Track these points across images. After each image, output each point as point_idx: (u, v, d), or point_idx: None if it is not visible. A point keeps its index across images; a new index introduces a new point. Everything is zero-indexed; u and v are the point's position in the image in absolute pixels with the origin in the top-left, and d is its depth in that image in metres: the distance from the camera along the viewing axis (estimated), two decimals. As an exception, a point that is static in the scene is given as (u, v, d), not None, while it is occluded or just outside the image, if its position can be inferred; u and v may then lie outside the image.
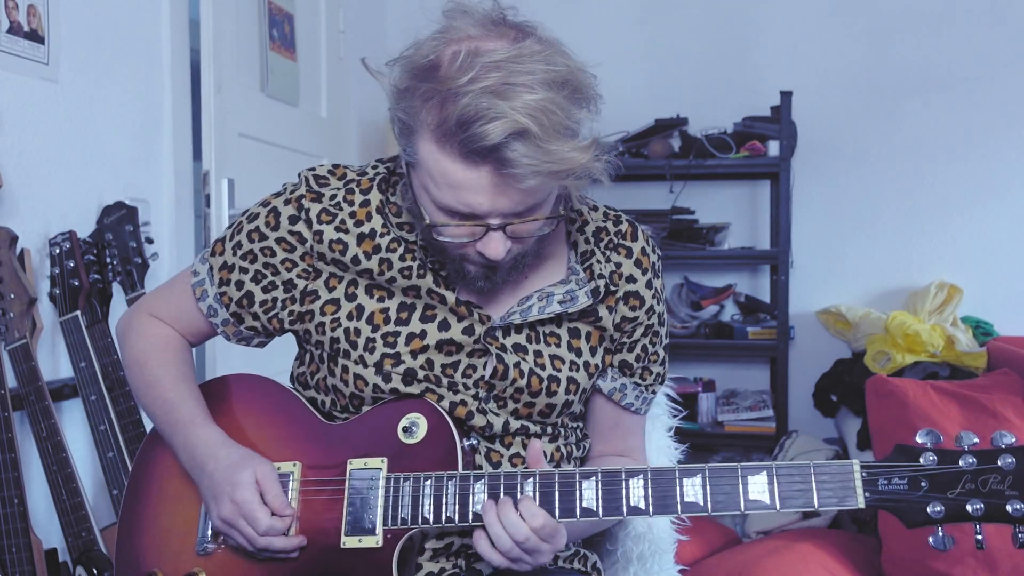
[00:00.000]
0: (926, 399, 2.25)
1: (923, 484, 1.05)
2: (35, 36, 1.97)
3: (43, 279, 1.99)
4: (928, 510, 1.04)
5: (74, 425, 2.06)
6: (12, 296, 1.81)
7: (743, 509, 1.09)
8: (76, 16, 2.11)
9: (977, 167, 3.40)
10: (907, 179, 3.46)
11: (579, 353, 1.29)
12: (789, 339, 3.35)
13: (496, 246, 1.13)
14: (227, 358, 2.46)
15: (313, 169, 1.31)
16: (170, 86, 2.44)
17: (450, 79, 1.05)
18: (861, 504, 1.06)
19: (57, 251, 1.96)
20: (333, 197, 1.28)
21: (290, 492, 1.23)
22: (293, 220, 1.27)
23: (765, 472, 1.09)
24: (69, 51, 2.09)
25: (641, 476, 1.12)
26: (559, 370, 1.27)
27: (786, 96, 3.26)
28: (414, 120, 1.10)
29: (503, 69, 1.04)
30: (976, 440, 1.05)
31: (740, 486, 1.09)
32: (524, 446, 1.28)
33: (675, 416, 1.66)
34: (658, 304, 1.34)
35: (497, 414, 1.26)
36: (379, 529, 1.18)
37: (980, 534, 1.05)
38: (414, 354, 1.24)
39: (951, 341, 2.98)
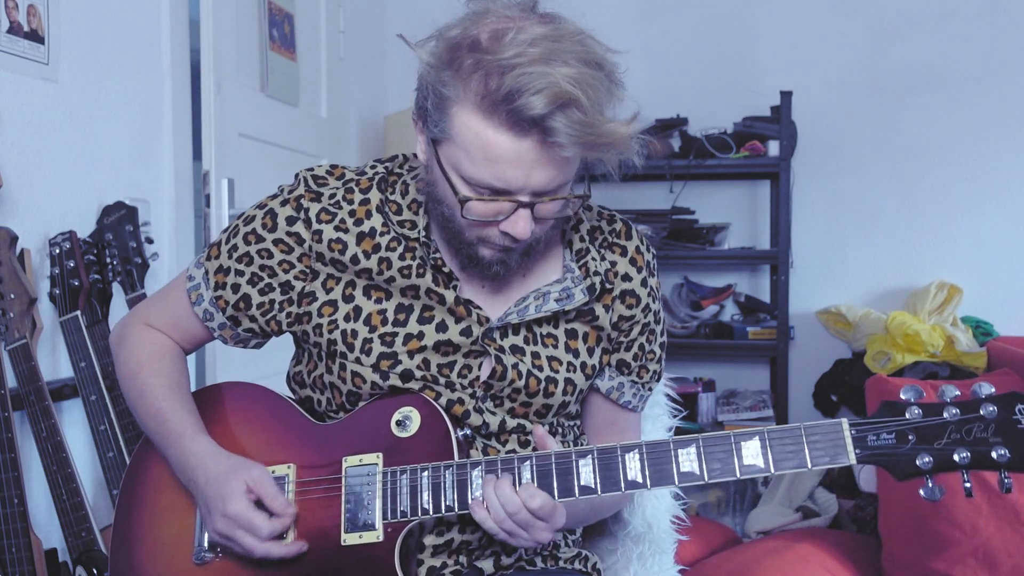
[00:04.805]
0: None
1: (910, 437, 1.08)
2: (35, 36, 1.97)
3: (43, 279, 1.99)
4: (917, 462, 1.07)
5: (74, 425, 2.06)
6: (12, 296, 1.81)
7: (739, 475, 1.11)
8: (76, 16, 2.11)
9: (977, 167, 3.39)
10: (907, 179, 3.46)
11: (576, 354, 1.29)
12: (789, 339, 3.35)
13: (524, 224, 1.14)
14: (227, 359, 2.46)
15: (311, 169, 1.31)
16: (170, 86, 2.44)
17: (496, 52, 1.06)
18: (853, 460, 1.08)
19: (57, 251, 1.96)
20: (332, 196, 1.28)
21: (286, 494, 1.22)
22: (291, 221, 1.27)
23: (757, 437, 1.11)
24: (69, 51, 2.08)
25: (637, 450, 1.13)
26: (557, 371, 1.27)
27: (786, 96, 3.26)
28: (455, 92, 1.10)
29: (546, 46, 1.06)
30: (957, 392, 1.08)
31: (734, 453, 1.11)
32: (520, 443, 1.28)
33: (675, 416, 1.66)
34: (654, 302, 1.34)
35: (494, 413, 1.27)
36: (379, 523, 1.18)
37: (968, 482, 1.07)
38: (411, 354, 1.24)
39: (951, 341, 2.98)
